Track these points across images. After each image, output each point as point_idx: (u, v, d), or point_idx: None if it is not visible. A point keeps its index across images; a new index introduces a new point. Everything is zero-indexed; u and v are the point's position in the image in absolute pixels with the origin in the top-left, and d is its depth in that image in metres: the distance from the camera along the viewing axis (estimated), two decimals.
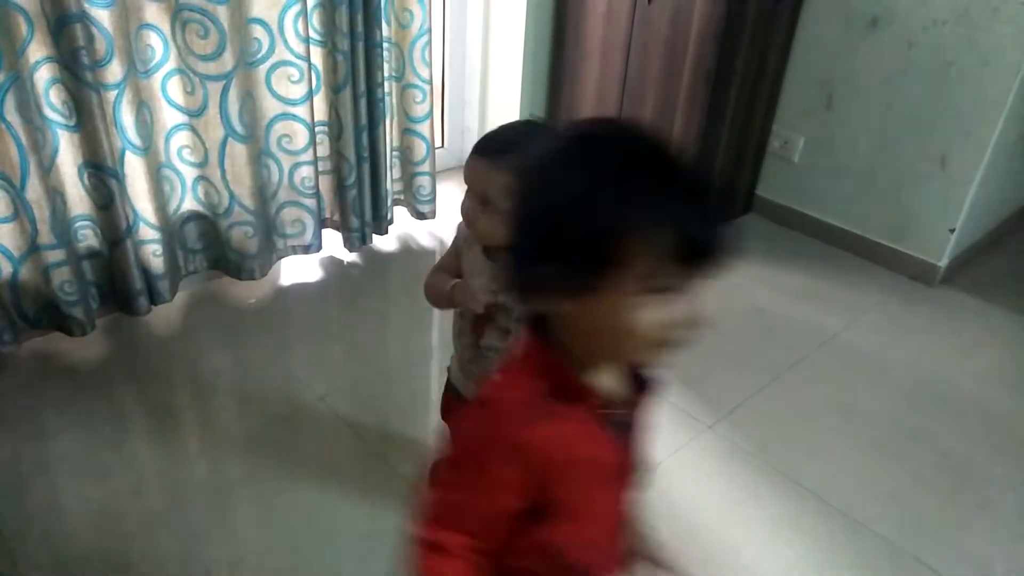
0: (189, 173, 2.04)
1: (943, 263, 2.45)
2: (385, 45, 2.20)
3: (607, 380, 0.71)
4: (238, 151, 2.00)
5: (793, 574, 1.49)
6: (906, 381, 2.04)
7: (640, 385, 0.76)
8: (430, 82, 2.32)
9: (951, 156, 2.32)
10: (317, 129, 2.16)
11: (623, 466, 0.76)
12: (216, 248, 2.16)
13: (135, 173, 1.88)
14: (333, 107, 2.16)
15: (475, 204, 1.11)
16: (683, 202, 0.63)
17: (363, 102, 2.16)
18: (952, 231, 2.39)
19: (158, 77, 1.88)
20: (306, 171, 2.17)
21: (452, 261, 1.31)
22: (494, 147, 1.09)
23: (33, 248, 1.77)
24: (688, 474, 1.70)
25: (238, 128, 1.97)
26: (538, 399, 0.67)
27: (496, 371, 0.72)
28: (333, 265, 2.38)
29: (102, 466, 1.61)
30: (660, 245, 0.60)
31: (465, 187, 1.12)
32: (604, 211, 0.61)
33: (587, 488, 0.71)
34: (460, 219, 1.21)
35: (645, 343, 0.66)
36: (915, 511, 1.64)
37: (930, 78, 2.29)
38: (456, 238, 1.28)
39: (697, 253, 0.62)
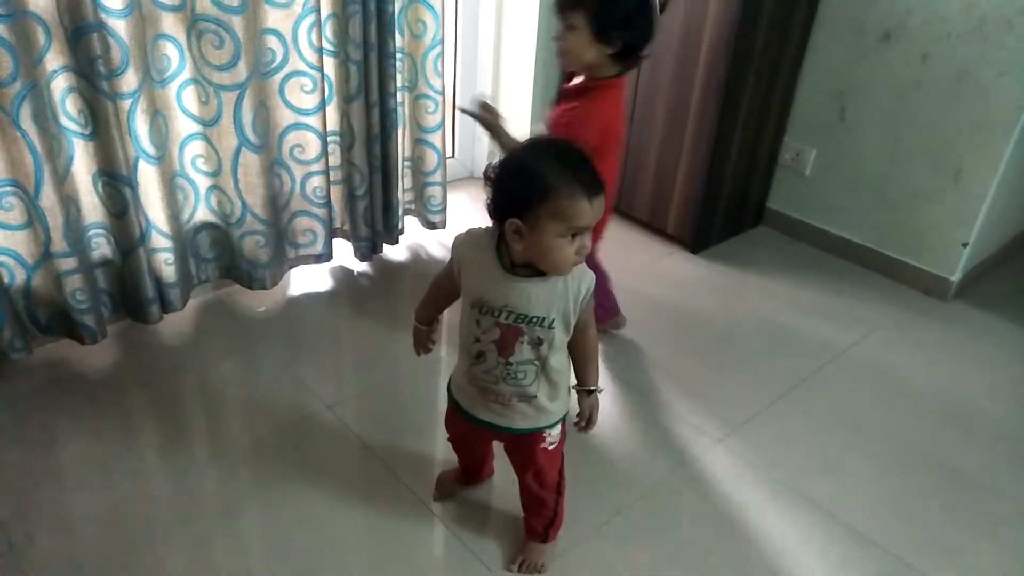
0: (202, 182, 2.05)
1: (956, 278, 2.43)
2: (398, 56, 2.21)
3: None
4: (251, 160, 2.01)
5: None
6: (918, 396, 2.03)
7: None
8: (442, 92, 2.33)
9: (965, 169, 2.31)
10: (329, 139, 2.17)
11: None
12: (228, 257, 2.17)
13: (149, 182, 1.89)
14: (345, 117, 2.17)
15: (589, 236, 1.15)
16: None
17: (375, 112, 2.17)
18: (965, 245, 2.38)
19: (173, 86, 1.89)
20: (318, 181, 2.18)
21: (445, 281, 1.31)
22: (599, 181, 1.12)
23: (46, 256, 1.78)
24: (697, 489, 1.69)
25: (251, 138, 1.98)
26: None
27: None
28: (343, 274, 2.38)
29: (111, 473, 1.61)
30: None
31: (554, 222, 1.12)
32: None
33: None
34: (463, 235, 1.23)
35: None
36: (926, 527, 1.62)
37: (944, 91, 2.28)
38: (452, 258, 1.28)
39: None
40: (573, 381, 1.33)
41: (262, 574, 1.44)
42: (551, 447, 1.34)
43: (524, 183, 1.10)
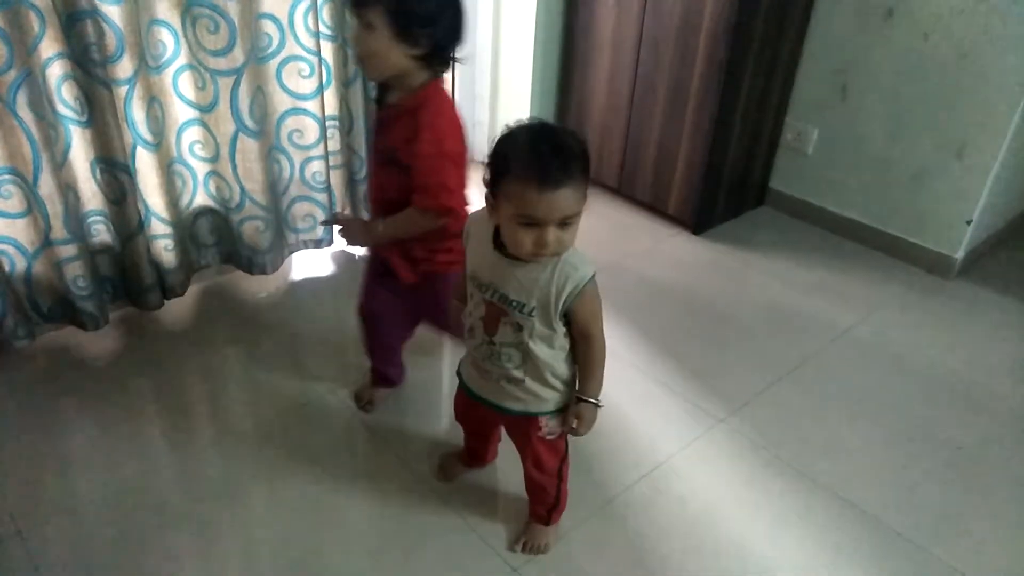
0: (200, 168, 2.05)
1: (959, 255, 2.42)
2: None
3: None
4: (249, 146, 2.01)
5: (805, 568, 1.47)
6: (921, 374, 2.02)
7: None
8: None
9: (968, 147, 2.29)
10: (328, 124, 2.16)
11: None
12: (228, 243, 2.17)
13: (147, 168, 1.89)
14: (344, 101, 2.16)
15: (554, 230, 1.09)
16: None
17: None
18: (969, 223, 2.36)
19: (169, 72, 1.88)
20: (317, 166, 2.17)
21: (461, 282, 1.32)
22: (561, 173, 1.06)
23: (46, 243, 1.79)
24: (700, 468, 1.69)
25: (249, 123, 1.97)
26: None
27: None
28: (345, 260, 2.38)
29: (116, 458, 1.62)
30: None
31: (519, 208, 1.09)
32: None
33: None
34: (478, 210, 1.22)
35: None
36: (929, 504, 1.62)
37: (947, 68, 2.26)
38: (463, 232, 1.29)
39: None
40: (570, 377, 1.29)
41: (268, 556, 1.45)
42: (549, 437, 1.33)
43: (494, 156, 1.11)
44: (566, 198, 1.06)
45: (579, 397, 1.27)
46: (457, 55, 1.40)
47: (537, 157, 1.06)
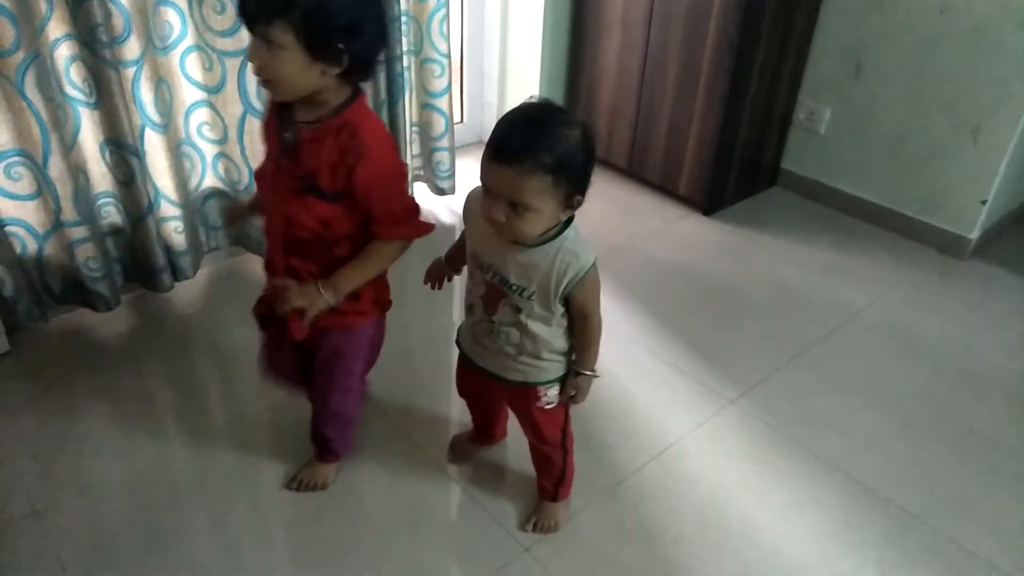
0: (209, 150, 2.04)
1: (974, 235, 2.40)
2: (403, 19, 2.17)
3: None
4: (257, 127, 2.00)
5: (815, 548, 1.47)
6: (934, 355, 2.01)
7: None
8: (448, 56, 2.30)
9: (984, 126, 2.26)
10: None
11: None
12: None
13: (155, 150, 1.89)
14: None
15: (504, 208, 1.07)
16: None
17: (381, 77, 2.15)
18: (984, 203, 2.34)
19: (176, 54, 1.87)
20: None
21: (459, 247, 1.31)
22: (516, 149, 1.04)
23: (57, 225, 1.79)
24: (710, 449, 1.69)
25: (257, 104, 1.96)
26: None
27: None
28: None
29: (129, 439, 1.63)
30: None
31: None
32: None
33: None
34: (475, 189, 1.21)
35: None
36: (940, 485, 1.62)
37: (962, 45, 2.23)
38: (463, 208, 1.28)
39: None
40: (566, 348, 1.28)
41: (280, 536, 1.46)
42: (548, 407, 1.33)
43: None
44: (512, 177, 1.03)
45: (576, 370, 1.29)
46: (379, 60, 1.19)
47: (508, 127, 1.05)
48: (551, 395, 1.31)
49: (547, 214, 1.09)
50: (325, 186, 1.19)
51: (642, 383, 1.87)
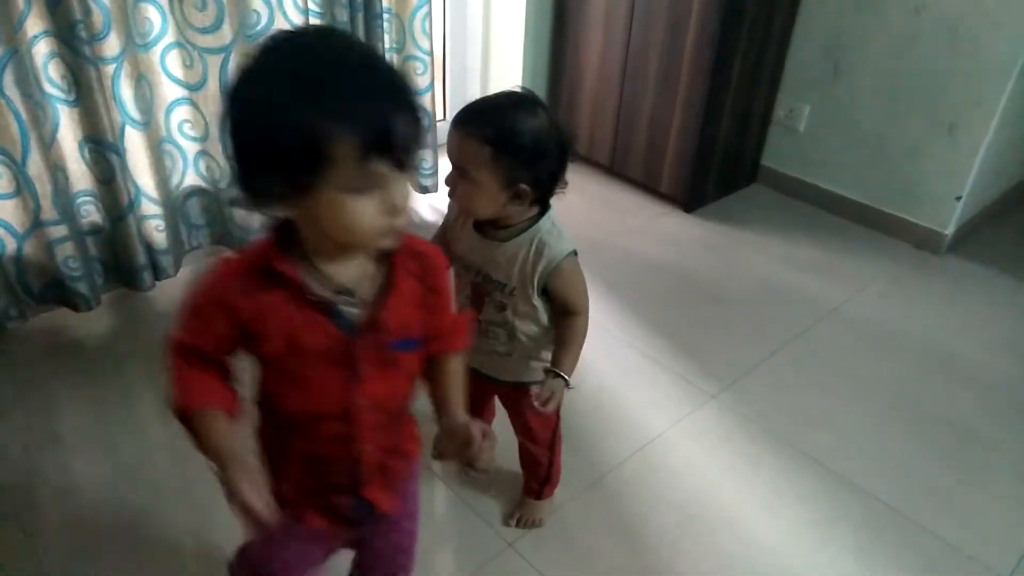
0: (190, 148, 2.03)
1: (949, 231, 2.44)
2: (385, 16, 2.17)
3: (346, 273, 0.82)
4: None
5: (796, 541, 1.50)
6: (912, 350, 2.04)
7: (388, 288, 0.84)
8: (431, 54, 2.30)
9: (959, 123, 2.29)
10: None
11: (339, 353, 0.83)
12: (219, 223, 2.16)
13: (135, 148, 1.87)
14: None
15: (453, 173, 1.11)
16: (373, 104, 0.70)
17: None
18: (959, 199, 2.38)
19: (157, 51, 1.86)
20: None
21: (440, 237, 1.31)
22: (468, 116, 1.09)
23: (36, 224, 1.77)
24: (691, 444, 1.71)
25: None
26: (248, 276, 0.80)
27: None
28: None
29: (110, 439, 1.62)
30: (357, 144, 0.69)
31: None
32: (306, 120, 0.68)
33: (293, 358, 0.83)
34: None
35: (367, 234, 0.76)
36: (919, 478, 1.65)
37: (938, 44, 2.26)
38: (447, 215, 1.28)
39: (391, 147, 0.71)
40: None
41: None
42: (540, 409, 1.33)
43: None
44: (457, 140, 1.08)
45: (553, 370, 1.19)
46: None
47: (478, 100, 1.10)
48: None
49: (487, 189, 1.09)
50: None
51: (624, 378, 1.88)
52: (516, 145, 1.07)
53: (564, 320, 1.23)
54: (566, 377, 1.20)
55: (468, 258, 1.22)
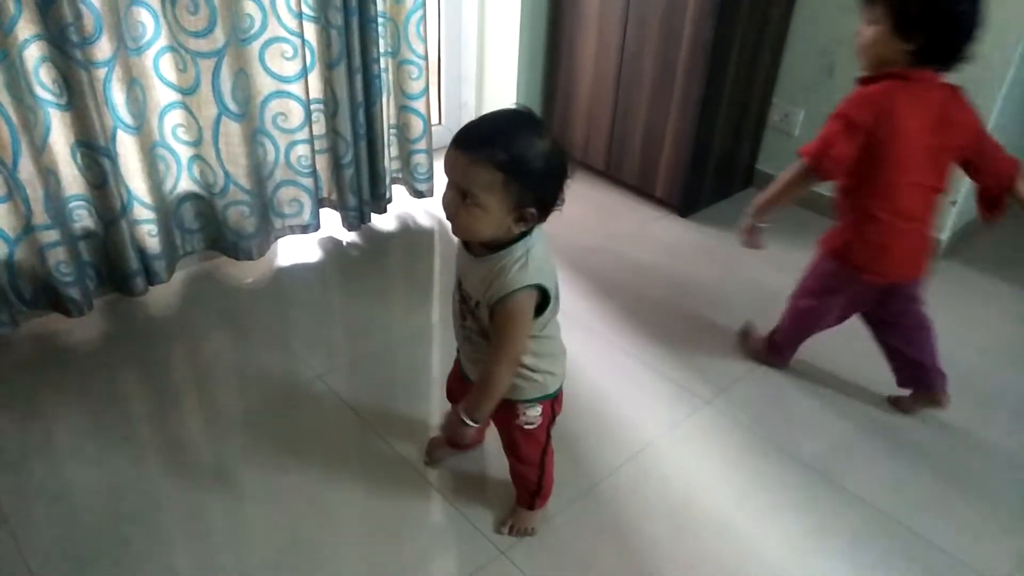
0: (184, 152, 2.03)
1: (945, 236, 2.43)
2: (380, 20, 2.17)
3: None
4: (232, 130, 1.99)
5: (790, 548, 1.49)
6: None
7: None
8: (425, 58, 2.30)
9: None
10: (312, 107, 2.14)
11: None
12: (213, 228, 2.15)
13: (128, 152, 1.87)
14: (328, 84, 2.14)
15: (456, 197, 1.08)
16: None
17: (359, 79, 2.14)
18: (954, 203, 2.38)
19: (150, 54, 1.85)
20: (302, 150, 2.15)
21: None
22: (475, 139, 1.06)
23: (28, 229, 1.76)
24: (685, 450, 1.70)
25: (231, 106, 1.95)
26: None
27: None
28: (331, 245, 2.37)
29: (102, 446, 1.61)
30: None
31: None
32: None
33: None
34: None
35: None
36: (914, 485, 1.64)
37: None
38: None
39: None
40: (548, 368, 1.27)
41: (257, 542, 1.45)
42: (528, 427, 1.32)
43: None
44: (465, 164, 1.05)
45: (456, 407, 1.22)
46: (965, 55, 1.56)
47: (479, 119, 1.09)
48: (531, 415, 1.30)
49: (493, 213, 1.07)
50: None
51: (618, 383, 1.88)
52: (528, 170, 1.06)
53: (487, 357, 1.19)
54: (463, 416, 1.19)
55: (456, 267, 1.23)
